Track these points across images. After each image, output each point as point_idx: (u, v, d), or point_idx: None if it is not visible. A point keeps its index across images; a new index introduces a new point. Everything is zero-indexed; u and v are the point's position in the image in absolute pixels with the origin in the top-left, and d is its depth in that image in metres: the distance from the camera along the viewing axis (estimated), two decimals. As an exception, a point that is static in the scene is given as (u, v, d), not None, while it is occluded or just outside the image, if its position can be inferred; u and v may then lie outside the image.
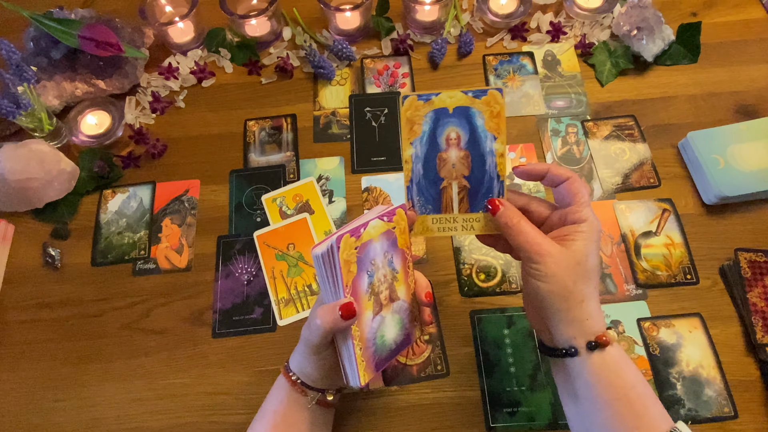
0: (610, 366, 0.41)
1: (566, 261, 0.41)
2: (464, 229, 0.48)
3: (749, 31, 0.82)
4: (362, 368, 0.43)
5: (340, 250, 0.40)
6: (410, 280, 0.48)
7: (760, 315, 0.59)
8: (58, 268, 0.68)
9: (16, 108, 0.68)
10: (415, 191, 0.48)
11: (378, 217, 0.44)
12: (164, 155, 0.75)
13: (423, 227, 0.49)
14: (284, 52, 0.83)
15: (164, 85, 0.81)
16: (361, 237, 0.42)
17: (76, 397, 0.60)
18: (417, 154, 0.47)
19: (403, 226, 0.46)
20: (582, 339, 0.42)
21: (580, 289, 0.41)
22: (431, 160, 0.47)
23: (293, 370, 0.48)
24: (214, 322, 0.64)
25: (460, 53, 0.82)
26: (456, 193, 0.48)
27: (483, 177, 0.47)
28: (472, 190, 0.47)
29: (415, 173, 0.48)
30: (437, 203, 0.48)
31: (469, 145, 0.46)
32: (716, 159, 0.67)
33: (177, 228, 0.70)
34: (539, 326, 0.46)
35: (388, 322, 0.46)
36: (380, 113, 0.78)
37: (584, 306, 0.42)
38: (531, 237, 0.43)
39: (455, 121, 0.46)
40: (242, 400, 0.59)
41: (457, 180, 0.47)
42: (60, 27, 0.74)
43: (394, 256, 0.46)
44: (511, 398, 0.58)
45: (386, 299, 0.45)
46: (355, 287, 0.42)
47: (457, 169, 0.47)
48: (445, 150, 0.47)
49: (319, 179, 0.73)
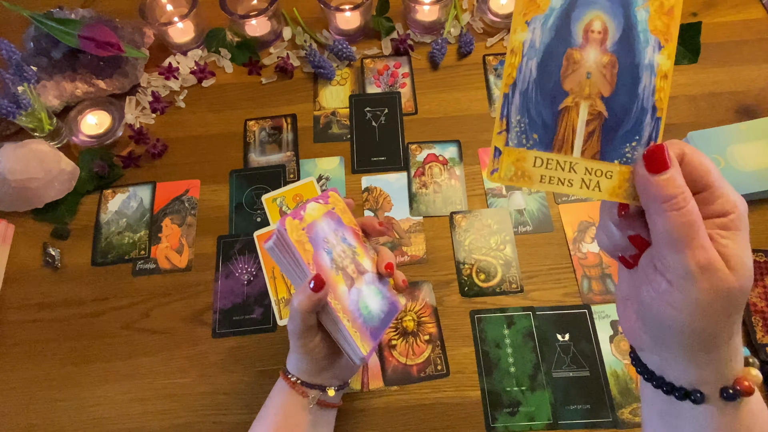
0: (743, 418, 0.30)
1: (731, 286, 0.27)
2: (584, 185, 0.31)
3: (749, 31, 0.82)
4: (358, 339, 0.43)
5: (288, 232, 0.41)
6: (372, 254, 0.49)
7: (760, 315, 0.59)
8: (58, 268, 0.68)
9: (16, 108, 0.68)
10: (516, 105, 0.31)
11: (313, 200, 0.45)
12: (164, 155, 0.75)
13: (518, 170, 0.31)
14: (284, 52, 0.83)
15: (164, 85, 0.81)
16: (303, 219, 0.43)
17: (76, 397, 0.60)
18: (534, 42, 0.30)
19: (341, 207, 0.48)
20: (716, 384, 0.30)
21: (733, 321, 0.29)
22: (555, 57, 0.30)
23: (291, 372, 0.48)
24: (214, 322, 0.64)
25: (460, 53, 0.82)
26: (584, 121, 0.31)
27: (631, 104, 0.30)
28: (609, 123, 0.30)
29: (522, 74, 0.31)
30: (549, 133, 0.31)
31: (619, 47, 0.30)
32: (716, 159, 0.67)
33: (177, 228, 0.70)
34: (643, 345, 0.33)
35: (366, 293, 0.46)
36: (380, 113, 0.78)
37: (731, 344, 0.29)
38: (701, 234, 0.27)
39: (605, 3, 0.30)
40: (242, 400, 0.59)
41: (590, 100, 0.30)
42: (60, 27, 0.74)
43: (345, 233, 0.47)
44: (511, 398, 0.58)
45: (354, 272, 0.46)
46: (318, 264, 0.43)
47: (593, 81, 0.30)
48: (580, 46, 0.30)
49: (319, 179, 0.73)
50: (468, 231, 0.68)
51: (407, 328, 0.62)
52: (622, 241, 0.32)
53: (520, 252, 0.66)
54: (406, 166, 0.73)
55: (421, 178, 0.72)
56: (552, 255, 0.66)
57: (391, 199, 0.71)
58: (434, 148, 0.74)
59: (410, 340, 0.62)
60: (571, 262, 0.65)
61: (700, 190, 0.28)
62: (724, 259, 0.27)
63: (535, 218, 0.68)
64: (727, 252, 0.27)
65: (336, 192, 0.48)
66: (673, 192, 0.27)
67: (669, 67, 0.30)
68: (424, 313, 0.63)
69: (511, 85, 0.31)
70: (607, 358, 0.59)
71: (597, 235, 0.34)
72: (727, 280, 0.27)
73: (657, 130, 0.30)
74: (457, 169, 0.73)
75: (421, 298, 0.64)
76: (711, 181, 0.28)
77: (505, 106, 0.31)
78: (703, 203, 0.28)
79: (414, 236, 0.68)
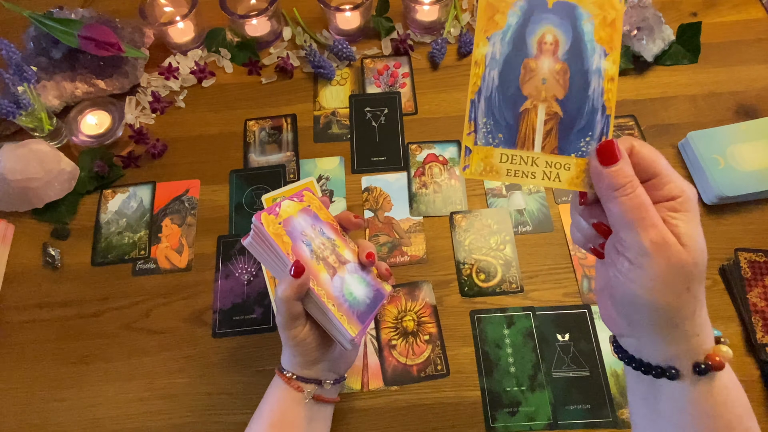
0: (717, 394, 0.32)
1: (683, 259, 0.30)
2: (546, 177, 0.35)
3: (749, 31, 0.82)
4: (345, 322, 0.44)
5: (265, 225, 0.42)
6: (352, 246, 0.50)
7: (760, 315, 0.59)
8: (58, 268, 0.68)
9: (16, 108, 0.68)
10: (482, 109, 0.35)
11: (288, 199, 0.47)
12: (164, 155, 0.75)
13: (486, 165, 0.35)
14: (284, 52, 0.83)
15: (164, 85, 0.81)
16: (279, 215, 0.44)
17: (76, 397, 0.60)
18: (494, 55, 0.34)
19: (317, 204, 0.49)
20: (688, 359, 0.32)
21: (694, 295, 0.32)
22: (514, 67, 0.34)
23: (285, 367, 0.48)
24: (214, 322, 0.64)
25: (460, 53, 0.82)
26: (542, 121, 0.35)
27: (583, 105, 0.34)
28: (565, 121, 0.34)
29: (486, 83, 0.35)
30: (512, 132, 0.35)
31: (570, 55, 0.34)
32: (716, 159, 0.67)
33: (177, 228, 0.70)
34: (621, 330, 0.36)
35: (349, 281, 0.47)
36: (380, 113, 0.78)
37: (696, 318, 0.32)
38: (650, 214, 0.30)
39: (555, 19, 0.34)
40: (242, 400, 0.59)
41: (547, 102, 0.34)
42: (60, 27, 0.74)
43: (323, 227, 0.48)
44: (511, 398, 0.58)
45: (336, 262, 0.47)
46: (298, 254, 0.43)
47: (548, 86, 0.34)
48: (535, 56, 0.34)
49: (319, 179, 0.73)
50: (468, 231, 0.68)
51: (407, 328, 0.62)
52: (590, 231, 0.36)
53: (520, 252, 0.66)
54: (406, 166, 0.73)
55: (421, 178, 0.72)
56: (552, 255, 0.66)
57: (391, 199, 0.71)
58: (434, 148, 0.74)
59: (410, 340, 0.62)
60: (571, 262, 0.65)
61: (650, 177, 0.32)
62: (676, 237, 0.30)
63: (535, 218, 0.68)
64: (679, 231, 0.30)
65: (310, 191, 0.49)
66: (622, 181, 0.31)
67: (615, 72, 0.34)
68: (424, 313, 0.63)
69: (477, 92, 0.35)
70: (607, 358, 0.59)
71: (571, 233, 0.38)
72: (680, 254, 0.30)
73: (607, 126, 0.34)
74: (457, 169, 0.73)
75: (421, 298, 0.64)
76: (659, 169, 0.32)
77: (473, 111, 0.35)
78: (653, 189, 0.32)
79: (414, 236, 0.68)
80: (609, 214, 0.32)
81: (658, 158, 0.32)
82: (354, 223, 0.51)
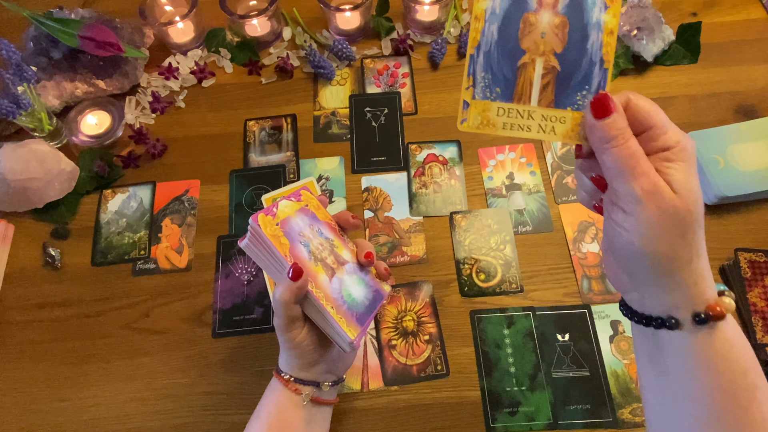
0: (719, 347, 0.32)
1: (677, 206, 0.31)
2: (541, 130, 0.35)
3: (749, 31, 0.82)
4: (344, 324, 0.44)
5: (262, 227, 0.42)
6: (351, 246, 0.49)
7: (760, 315, 0.59)
8: (58, 268, 0.68)
9: (16, 108, 0.68)
10: (480, 63, 0.35)
11: (285, 199, 0.46)
12: (164, 155, 0.76)
13: (483, 119, 0.36)
14: (284, 52, 0.83)
15: (164, 85, 0.81)
16: (276, 215, 0.44)
17: (76, 397, 0.60)
18: (494, 9, 0.35)
19: (315, 203, 0.48)
20: (687, 309, 0.32)
21: (688, 243, 0.32)
22: (513, 22, 0.35)
23: (283, 370, 0.48)
24: (214, 322, 0.64)
25: (460, 53, 0.82)
26: (539, 75, 0.35)
27: (581, 59, 0.34)
28: (562, 75, 0.35)
29: (485, 37, 0.35)
30: (509, 86, 0.35)
31: (569, 9, 0.34)
32: (716, 159, 0.67)
33: (177, 228, 0.70)
34: (624, 286, 0.36)
35: (348, 282, 0.46)
36: (380, 113, 0.78)
37: (693, 267, 0.32)
38: (642, 162, 0.31)
39: None
40: (242, 400, 0.59)
41: (545, 57, 0.35)
42: (60, 27, 0.74)
43: (321, 227, 0.47)
44: (511, 398, 0.58)
45: (334, 263, 0.46)
46: (296, 256, 0.43)
47: (547, 40, 0.35)
48: (534, 10, 0.35)
49: (319, 179, 0.73)
50: (468, 231, 0.68)
51: (407, 328, 0.62)
52: (591, 187, 0.36)
53: (520, 252, 0.66)
54: (406, 166, 0.73)
55: (421, 178, 0.72)
56: (552, 255, 0.66)
57: (391, 199, 0.71)
58: (434, 148, 0.74)
59: (410, 340, 0.62)
60: (571, 262, 0.65)
61: (646, 128, 0.32)
62: (669, 185, 0.31)
63: (535, 218, 0.68)
64: (671, 179, 0.31)
65: (308, 190, 0.49)
66: (614, 133, 0.32)
67: (615, 24, 0.34)
68: (424, 313, 0.63)
69: (476, 47, 0.35)
70: (607, 358, 0.59)
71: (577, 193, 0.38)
72: (672, 200, 0.30)
73: (605, 80, 0.34)
74: (456, 169, 0.73)
75: (421, 298, 0.64)
76: (655, 120, 0.32)
77: (471, 65, 0.36)
78: (649, 140, 0.32)
79: (414, 236, 0.68)
80: (603, 167, 0.33)
81: (655, 110, 0.32)
82: (352, 224, 0.50)
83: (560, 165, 0.72)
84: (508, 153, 0.73)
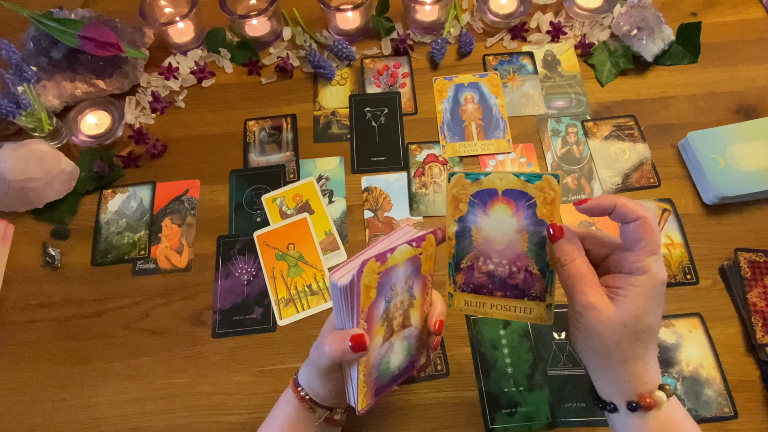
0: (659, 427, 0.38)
1: (611, 319, 0.37)
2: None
3: (749, 31, 0.82)
4: (362, 394, 0.42)
5: (363, 275, 0.38)
6: (426, 307, 0.46)
7: (760, 315, 0.59)
8: (58, 268, 0.68)
9: (16, 108, 0.68)
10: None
11: (407, 242, 0.42)
12: (164, 155, 0.76)
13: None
14: (284, 52, 0.83)
15: (164, 85, 0.81)
16: (386, 262, 0.40)
17: (76, 397, 0.60)
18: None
19: (430, 252, 0.44)
20: (621, 398, 0.39)
21: (623, 350, 0.38)
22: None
23: (302, 385, 0.47)
24: (214, 322, 0.64)
25: (460, 53, 0.82)
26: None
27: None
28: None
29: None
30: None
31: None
32: (716, 159, 0.67)
33: (177, 228, 0.70)
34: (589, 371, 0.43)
35: (396, 348, 0.44)
36: (380, 113, 0.78)
37: (627, 367, 0.38)
38: (581, 282, 0.39)
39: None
40: (242, 400, 0.59)
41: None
42: (60, 27, 0.74)
43: (415, 282, 0.44)
44: (509, 399, 0.58)
45: (399, 325, 0.44)
46: (371, 313, 0.40)
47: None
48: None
49: (319, 179, 0.73)
50: (468, 231, 0.68)
51: (407, 328, 0.62)
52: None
53: (520, 252, 0.66)
54: (405, 166, 0.73)
55: (421, 178, 0.72)
56: (552, 255, 0.66)
57: (391, 199, 0.71)
58: (434, 149, 0.74)
59: (410, 340, 0.62)
60: (570, 262, 0.65)
61: (632, 248, 0.39)
62: (617, 302, 0.37)
63: (534, 218, 0.68)
64: (622, 299, 0.38)
65: (435, 235, 0.45)
66: (559, 255, 0.40)
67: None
68: (424, 313, 0.63)
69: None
70: (607, 358, 0.59)
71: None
72: (607, 315, 0.37)
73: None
74: (456, 169, 0.73)
75: (421, 298, 0.64)
76: (640, 246, 0.38)
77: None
78: (627, 260, 0.39)
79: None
80: (559, 278, 0.41)
81: (647, 236, 0.38)
82: (433, 331, 0.46)
83: (560, 165, 0.72)
84: (508, 153, 0.73)
